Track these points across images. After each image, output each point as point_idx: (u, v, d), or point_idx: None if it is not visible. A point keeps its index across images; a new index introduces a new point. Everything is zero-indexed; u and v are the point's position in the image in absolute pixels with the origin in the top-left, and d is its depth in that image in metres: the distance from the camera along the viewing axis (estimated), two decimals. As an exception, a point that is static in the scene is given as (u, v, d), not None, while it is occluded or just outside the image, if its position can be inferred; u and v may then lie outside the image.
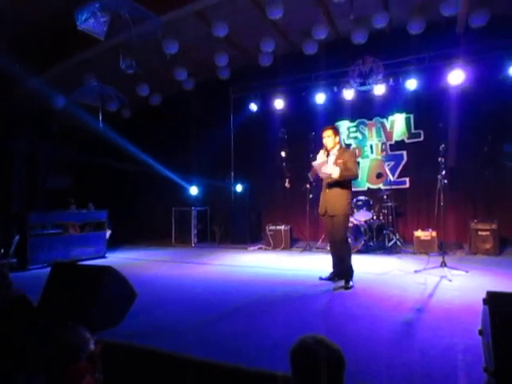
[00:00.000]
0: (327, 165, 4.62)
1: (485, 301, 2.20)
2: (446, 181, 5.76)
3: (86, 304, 3.49)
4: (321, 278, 5.02)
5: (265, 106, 9.09)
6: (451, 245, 7.07)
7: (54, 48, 6.29)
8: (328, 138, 4.76)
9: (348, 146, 8.59)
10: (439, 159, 5.48)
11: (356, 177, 4.86)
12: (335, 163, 4.65)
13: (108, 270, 3.74)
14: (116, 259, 7.57)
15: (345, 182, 4.69)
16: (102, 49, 6.26)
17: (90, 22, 3.98)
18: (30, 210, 6.76)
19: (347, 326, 3.35)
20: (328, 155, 4.75)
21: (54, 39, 6.09)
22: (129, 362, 2.96)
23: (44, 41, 6.15)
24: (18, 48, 5.94)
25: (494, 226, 6.46)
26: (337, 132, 4.90)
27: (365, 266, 5.87)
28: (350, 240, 5.08)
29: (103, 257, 7.69)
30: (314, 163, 4.66)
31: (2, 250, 4.86)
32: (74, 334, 2.48)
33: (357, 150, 8.72)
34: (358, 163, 4.93)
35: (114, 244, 9.00)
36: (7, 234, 6.14)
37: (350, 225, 7.00)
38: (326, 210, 4.72)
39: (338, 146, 4.82)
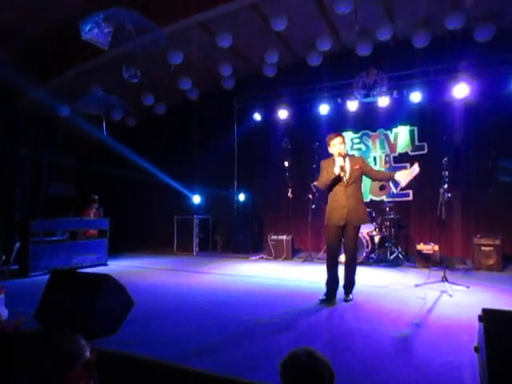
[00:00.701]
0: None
1: (480, 318, 2.18)
2: (449, 194, 5.74)
3: (84, 311, 3.49)
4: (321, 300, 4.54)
5: (269, 116, 9.14)
6: (454, 259, 6.99)
7: (59, 58, 6.39)
8: (341, 144, 4.55)
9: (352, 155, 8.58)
10: (443, 173, 5.45)
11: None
12: (353, 168, 4.52)
13: (106, 278, 3.75)
14: (117, 267, 7.58)
15: (361, 189, 4.65)
16: (107, 58, 6.36)
17: (94, 32, 4.05)
18: (32, 217, 6.80)
19: (343, 340, 3.32)
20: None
21: (60, 49, 6.19)
22: (124, 371, 2.95)
23: (49, 51, 6.25)
24: (24, 58, 6.04)
25: (497, 242, 6.37)
26: (344, 139, 4.71)
27: (365, 278, 5.82)
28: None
29: (104, 264, 7.70)
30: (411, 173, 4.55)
31: (4, 257, 4.90)
32: (70, 342, 2.47)
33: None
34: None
35: (117, 251, 9.03)
36: (9, 241, 6.17)
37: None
38: (347, 220, 4.45)
39: (346, 153, 4.66)
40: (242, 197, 9.50)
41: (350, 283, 4.60)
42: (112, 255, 8.38)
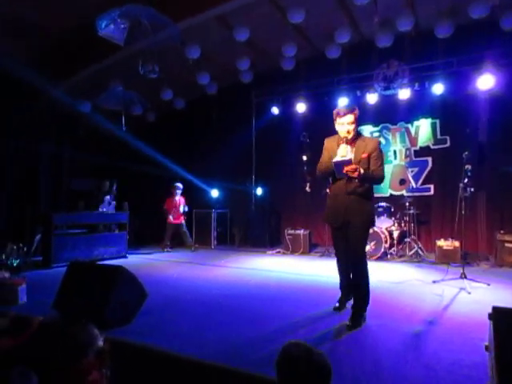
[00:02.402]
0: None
1: (490, 316, 2.12)
2: (472, 189, 5.57)
3: (99, 302, 3.59)
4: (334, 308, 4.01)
5: (287, 109, 9.07)
6: (476, 256, 6.80)
7: (79, 55, 6.53)
8: (350, 125, 3.58)
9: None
10: (466, 167, 5.29)
11: (382, 179, 3.63)
12: (358, 158, 3.57)
13: (120, 270, 3.83)
14: (136, 259, 7.74)
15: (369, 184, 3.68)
16: (126, 54, 6.44)
17: (110, 29, 4.12)
18: (55, 210, 7.03)
19: (353, 335, 3.28)
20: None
21: (80, 46, 6.32)
22: (136, 361, 3.02)
23: (70, 48, 6.39)
24: (46, 55, 6.20)
25: (520, 238, 6.18)
26: (357, 115, 3.65)
27: (382, 274, 5.75)
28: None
29: (124, 257, 7.85)
30: (336, 160, 3.51)
31: (25, 248, 5.10)
32: (82, 331, 2.55)
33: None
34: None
35: (138, 244, 9.21)
36: (32, 233, 6.38)
37: (370, 231, 6.84)
38: (344, 220, 3.62)
39: (356, 135, 3.69)
40: (259, 191, 9.51)
41: (356, 300, 3.62)
42: (133, 248, 8.57)
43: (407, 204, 7.33)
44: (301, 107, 8.79)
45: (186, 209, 9.08)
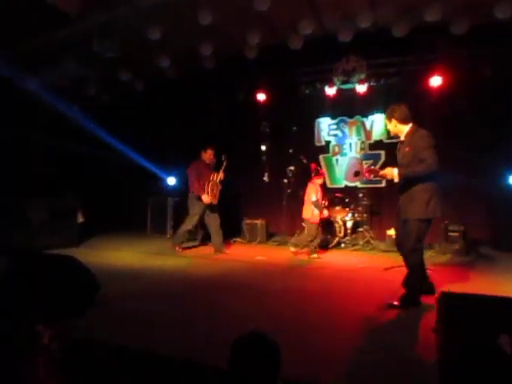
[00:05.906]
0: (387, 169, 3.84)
1: (437, 300, 2.27)
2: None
3: (45, 294, 3.38)
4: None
5: (248, 98, 9.02)
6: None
7: (27, 23, 5.95)
8: (387, 126, 4.11)
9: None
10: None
11: (431, 168, 3.56)
12: (403, 153, 3.82)
13: (69, 260, 3.64)
14: (87, 249, 7.34)
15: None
16: (80, 29, 6.03)
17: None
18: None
19: (307, 322, 3.38)
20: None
21: (28, 15, 5.74)
22: (93, 357, 2.89)
23: (17, 19, 5.84)
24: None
25: (462, 228, 6.79)
26: (393, 115, 3.96)
27: (336, 262, 5.98)
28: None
29: (75, 246, 7.38)
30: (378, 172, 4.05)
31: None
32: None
33: (336, 148, 8.79)
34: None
35: (91, 233, 8.73)
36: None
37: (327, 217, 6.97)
38: (399, 212, 3.88)
39: (406, 130, 3.89)
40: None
41: (406, 285, 3.83)
42: (85, 236, 8.13)
43: (361, 195, 7.63)
44: (261, 96, 8.79)
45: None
